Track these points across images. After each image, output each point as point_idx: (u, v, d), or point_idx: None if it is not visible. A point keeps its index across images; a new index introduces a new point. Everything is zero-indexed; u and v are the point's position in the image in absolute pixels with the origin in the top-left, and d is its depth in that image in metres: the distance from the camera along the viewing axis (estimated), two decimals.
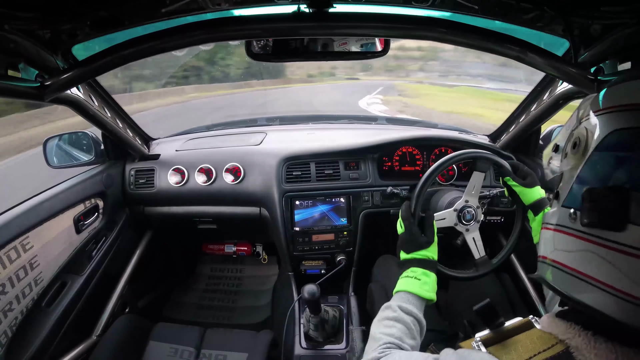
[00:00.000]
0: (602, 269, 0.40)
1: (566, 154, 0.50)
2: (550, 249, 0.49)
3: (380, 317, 0.75)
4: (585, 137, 0.45)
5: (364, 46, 0.91)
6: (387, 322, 0.73)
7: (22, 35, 0.72)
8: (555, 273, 0.47)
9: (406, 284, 0.81)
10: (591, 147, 0.44)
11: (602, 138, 0.43)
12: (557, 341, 0.44)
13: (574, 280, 0.44)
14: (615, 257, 0.39)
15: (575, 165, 0.46)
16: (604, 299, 0.39)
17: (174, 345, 1.32)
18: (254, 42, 0.87)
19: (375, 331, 0.72)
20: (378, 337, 0.69)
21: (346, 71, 22.47)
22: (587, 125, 0.46)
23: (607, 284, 0.39)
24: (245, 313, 1.95)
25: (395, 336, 0.69)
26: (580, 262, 0.43)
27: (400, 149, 1.54)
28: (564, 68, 0.81)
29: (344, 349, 1.25)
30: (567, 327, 0.45)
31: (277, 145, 1.61)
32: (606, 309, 0.39)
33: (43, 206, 1.15)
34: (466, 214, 1.00)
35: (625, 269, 0.38)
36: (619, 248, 0.38)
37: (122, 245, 1.57)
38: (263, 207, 1.53)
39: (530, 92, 1.31)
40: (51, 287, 1.22)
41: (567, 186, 0.47)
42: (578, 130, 0.48)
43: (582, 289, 0.42)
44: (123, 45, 0.78)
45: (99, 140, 1.48)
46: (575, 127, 0.49)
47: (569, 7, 0.71)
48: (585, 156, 0.45)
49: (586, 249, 0.42)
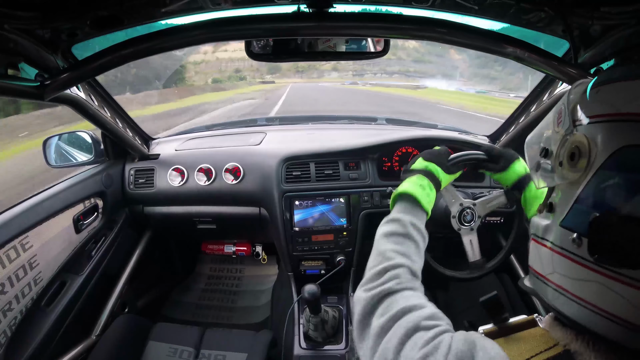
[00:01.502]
0: (613, 301, 0.37)
1: (561, 162, 0.44)
2: (549, 270, 0.46)
3: (388, 230, 0.68)
4: (587, 148, 0.40)
5: (363, 46, 0.91)
6: (397, 238, 0.66)
7: (22, 35, 0.72)
8: (554, 294, 0.45)
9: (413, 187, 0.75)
10: (596, 164, 0.39)
11: (609, 154, 0.37)
12: (557, 342, 0.44)
13: (575, 305, 0.41)
14: (629, 292, 0.35)
15: (575, 180, 0.41)
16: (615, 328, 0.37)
17: (173, 345, 1.32)
18: (254, 42, 0.87)
19: (385, 247, 0.64)
20: (388, 255, 0.62)
21: (253, 74, 22.39)
22: (587, 133, 0.40)
23: (617, 315, 0.37)
24: (245, 313, 1.95)
25: (407, 255, 0.63)
26: (585, 291, 0.40)
27: (399, 149, 1.54)
28: (563, 69, 0.81)
29: (343, 350, 1.25)
30: (564, 333, 0.44)
31: (276, 145, 1.61)
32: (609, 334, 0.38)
33: (43, 206, 1.14)
34: (466, 215, 1.00)
35: None
36: (634, 284, 0.35)
37: (122, 245, 1.57)
38: (263, 207, 1.53)
39: (530, 93, 1.31)
40: (50, 286, 1.22)
41: (565, 203, 0.43)
42: (575, 137, 0.42)
43: (588, 316, 0.40)
44: (123, 45, 0.77)
45: (99, 140, 1.48)
46: (569, 130, 0.44)
47: (569, 8, 0.71)
48: (589, 173, 0.39)
49: (595, 280, 0.38)
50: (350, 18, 0.75)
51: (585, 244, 0.39)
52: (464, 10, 0.79)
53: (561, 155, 0.44)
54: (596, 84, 0.43)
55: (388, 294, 0.55)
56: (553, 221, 0.45)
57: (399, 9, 0.80)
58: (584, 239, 0.39)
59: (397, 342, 0.47)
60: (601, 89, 0.42)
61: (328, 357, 1.24)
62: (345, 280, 1.53)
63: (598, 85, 0.43)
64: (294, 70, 19.21)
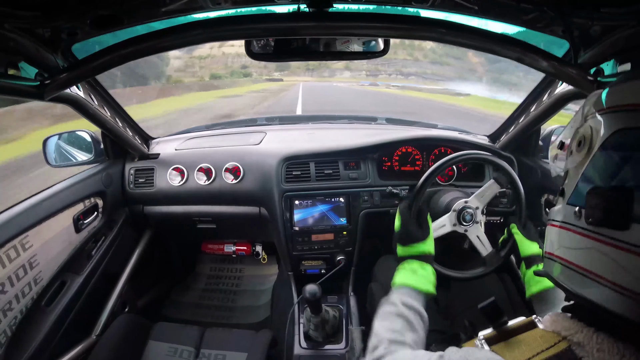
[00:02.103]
0: (606, 266, 0.41)
1: (571, 151, 0.50)
2: (555, 246, 0.50)
3: (381, 312, 0.76)
4: (590, 135, 0.46)
5: (364, 46, 0.91)
6: (388, 317, 0.73)
7: (22, 34, 0.72)
8: (561, 269, 0.48)
9: (403, 277, 0.82)
10: (596, 146, 0.44)
11: (606, 137, 0.43)
12: (559, 339, 0.45)
13: (578, 276, 0.44)
14: (619, 254, 0.39)
15: (580, 163, 0.47)
16: (608, 295, 0.40)
17: (173, 345, 1.32)
18: (254, 41, 0.87)
19: (377, 326, 0.72)
20: (379, 333, 0.70)
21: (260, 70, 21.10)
22: (592, 124, 0.46)
23: (611, 280, 0.40)
24: (245, 313, 1.95)
25: (397, 331, 0.69)
26: (584, 259, 0.44)
27: (399, 149, 1.54)
28: (563, 69, 0.81)
29: (343, 349, 1.25)
30: (570, 324, 0.46)
31: (276, 145, 1.61)
32: (609, 304, 0.40)
33: (42, 205, 1.14)
34: (465, 215, 1.00)
35: (629, 266, 0.38)
36: (623, 246, 0.39)
37: (122, 244, 1.57)
38: (262, 207, 1.53)
39: (530, 93, 1.31)
40: (51, 286, 1.22)
41: (572, 184, 0.48)
42: (583, 128, 0.48)
43: (586, 285, 0.43)
44: (123, 44, 0.77)
45: (99, 139, 1.48)
46: (580, 124, 0.50)
47: (569, 8, 0.71)
48: (590, 155, 0.45)
49: (590, 247, 0.43)
50: (350, 18, 0.75)
51: (584, 214, 0.44)
52: (464, 11, 0.79)
53: (572, 145, 0.51)
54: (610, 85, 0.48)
55: (380, 359, 0.63)
56: (562, 203, 0.50)
57: (399, 9, 0.80)
58: (583, 211, 0.44)
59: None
60: (612, 90, 0.47)
61: (328, 356, 1.24)
62: (345, 279, 1.53)
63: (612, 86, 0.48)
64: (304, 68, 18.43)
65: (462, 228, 1.01)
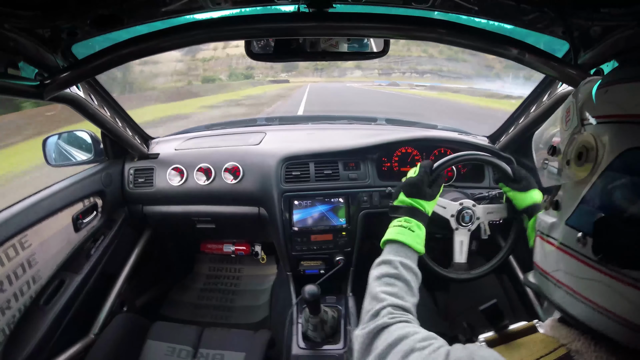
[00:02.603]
0: (613, 300, 0.38)
1: (568, 161, 0.44)
2: (553, 267, 0.47)
3: (379, 273, 0.71)
4: (594, 148, 0.40)
5: (363, 46, 0.91)
6: (388, 280, 0.69)
7: (22, 34, 0.72)
8: (557, 291, 0.46)
9: (400, 234, 0.78)
10: (602, 164, 0.39)
11: (615, 156, 0.38)
12: (559, 345, 0.45)
13: (578, 303, 0.42)
14: (631, 292, 0.36)
15: (582, 180, 0.42)
16: (616, 328, 0.38)
17: (171, 345, 1.32)
18: (253, 42, 0.87)
19: (377, 289, 0.68)
20: (381, 297, 0.65)
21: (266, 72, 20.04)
22: (594, 133, 0.41)
23: (618, 314, 0.37)
24: (243, 313, 1.95)
25: (398, 295, 0.66)
26: (589, 290, 0.40)
27: (399, 149, 1.54)
28: (563, 70, 0.81)
29: (341, 350, 1.25)
30: (568, 332, 0.45)
31: (276, 145, 1.61)
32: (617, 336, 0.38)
33: (42, 204, 1.15)
34: (465, 215, 1.00)
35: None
36: (637, 285, 0.35)
37: (121, 244, 1.57)
38: (262, 207, 1.53)
39: (530, 94, 1.31)
40: (49, 285, 1.22)
41: (571, 202, 0.43)
42: (583, 137, 0.42)
43: (587, 312, 0.41)
44: (123, 44, 0.77)
45: (99, 139, 1.48)
46: (577, 129, 0.44)
47: (569, 9, 0.71)
48: (595, 174, 0.40)
49: (597, 279, 0.39)
50: (350, 18, 0.75)
51: (590, 244, 0.39)
52: (464, 11, 0.79)
53: (569, 154, 0.45)
54: (604, 83, 0.43)
55: (383, 328, 0.58)
56: (559, 219, 0.46)
57: (399, 9, 0.80)
58: (588, 239, 0.40)
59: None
60: (609, 89, 0.42)
61: (326, 357, 1.24)
62: (344, 280, 1.53)
63: (606, 84, 0.43)
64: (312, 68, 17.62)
65: (456, 224, 1.00)
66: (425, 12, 0.80)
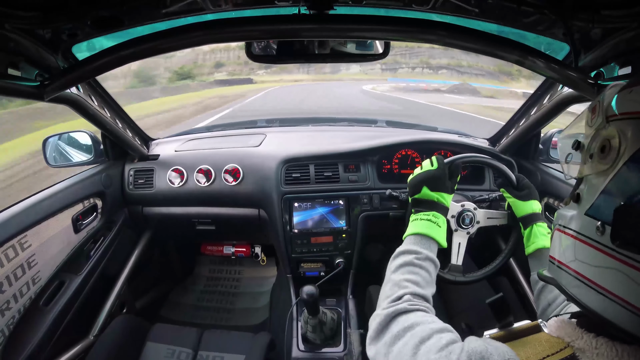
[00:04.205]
0: (629, 288, 0.39)
1: (591, 155, 0.46)
2: (569, 257, 0.47)
3: (402, 261, 0.72)
4: (617, 142, 0.42)
5: (364, 48, 0.91)
6: (412, 268, 0.71)
7: (22, 35, 0.72)
8: (573, 282, 0.46)
9: (429, 228, 0.78)
10: (624, 156, 0.41)
11: (637, 148, 0.40)
12: (565, 345, 0.45)
13: (592, 292, 0.43)
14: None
15: (603, 172, 0.43)
16: (629, 318, 0.39)
17: (171, 347, 1.31)
18: (254, 43, 0.87)
19: (398, 276, 0.69)
20: (403, 285, 0.67)
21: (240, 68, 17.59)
22: (618, 128, 0.43)
23: (632, 303, 0.38)
24: (243, 315, 1.95)
25: (420, 284, 0.68)
26: (604, 278, 0.42)
27: (399, 151, 1.53)
28: (564, 72, 0.81)
29: (341, 352, 1.24)
30: (573, 330, 0.46)
31: (276, 147, 1.61)
32: (629, 326, 0.39)
33: (42, 205, 1.14)
34: (465, 218, 0.99)
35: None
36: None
37: (121, 245, 1.57)
38: (262, 209, 1.53)
39: (531, 96, 1.31)
40: (49, 286, 1.21)
41: (592, 193, 0.45)
42: (607, 131, 0.44)
43: (600, 301, 0.41)
44: (123, 46, 0.77)
45: (99, 140, 1.49)
46: (602, 125, 0.46)
47: (570, 11, 0.71)
48: (617, 166, 0.41)
49: (613, 267, 0.40)
50: (351, 20, 0.75)
51: (608, 232, 0.41)
52: (465, 13, 0.79)
53: (592, 148, 0.46)
54: (629, 84, 0.46)
55: (402, 313, 0.61)
56: (579, 211, 0.47)
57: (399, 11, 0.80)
58: (607, 227, 0.41)
59: (412, 346, 0.52)
60: (634, 89, 0.44)
61: (326, 359, 1.24)
62: (344, 282, 1.52)
63: (631, 85, 0.45)
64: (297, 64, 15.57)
65: (455, 225, 1.00)
66: (426, 15, 0.80)
